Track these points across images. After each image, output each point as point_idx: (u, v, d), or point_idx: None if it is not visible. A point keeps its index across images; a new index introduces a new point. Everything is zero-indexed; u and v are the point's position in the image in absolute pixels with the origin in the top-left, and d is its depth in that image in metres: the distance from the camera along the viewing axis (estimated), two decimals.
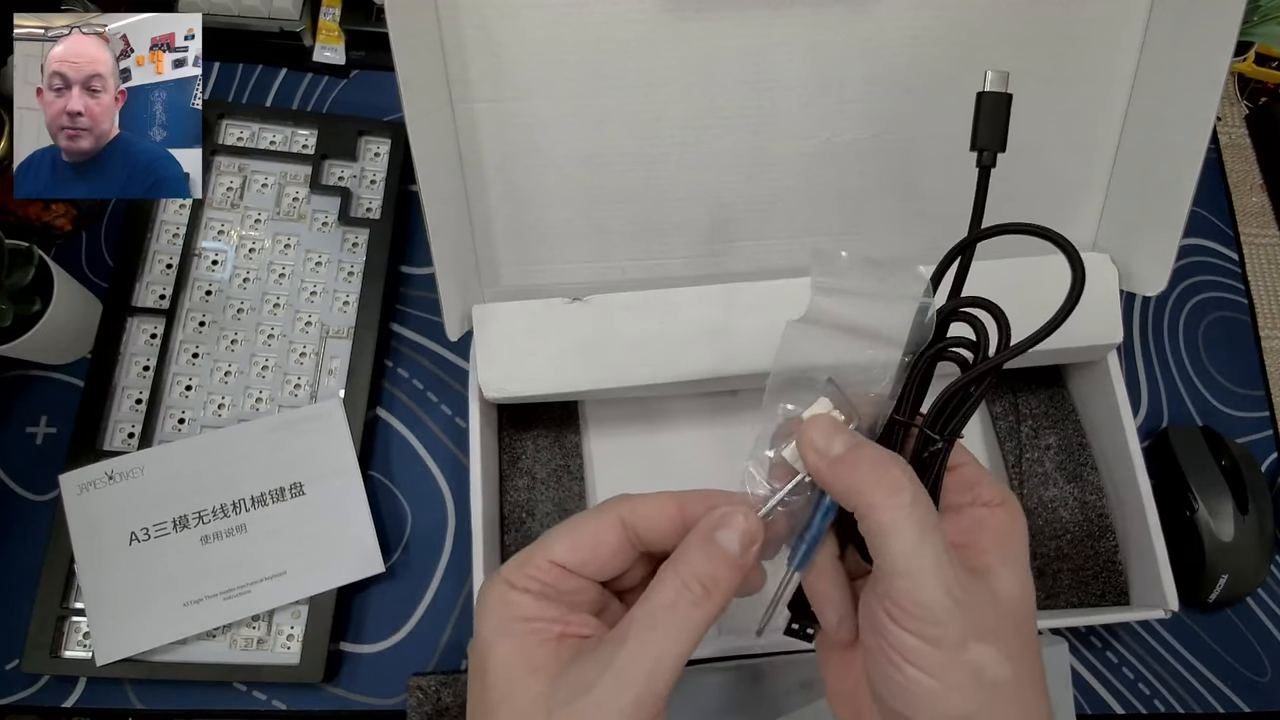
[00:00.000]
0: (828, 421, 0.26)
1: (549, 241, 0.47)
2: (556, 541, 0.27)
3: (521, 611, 0.26)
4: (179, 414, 0.52)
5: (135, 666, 0.47)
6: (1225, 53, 0.40)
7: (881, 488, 0.25)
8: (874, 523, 0.25)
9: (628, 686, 0.23)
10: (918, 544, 0.24)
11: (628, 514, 0.27)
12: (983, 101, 0.29)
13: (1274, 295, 0.62)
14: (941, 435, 0.26)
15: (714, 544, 0.26)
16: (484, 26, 0.41)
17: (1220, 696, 0.52)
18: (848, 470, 0.25)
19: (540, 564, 0.26)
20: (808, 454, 0.26)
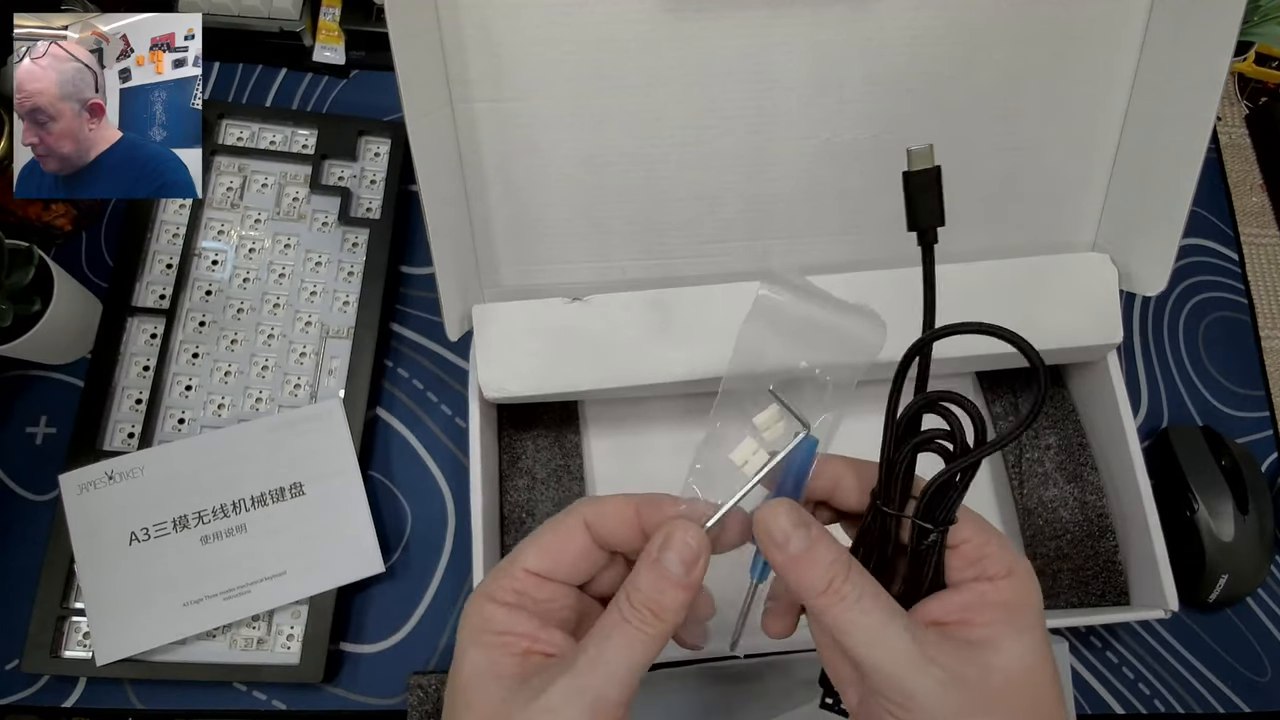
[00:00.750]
0: (789, 514, 0.27)
1: (549, 241, 0.47)
2: (527, 550, 0.28)
3: (494, 625, 0.27)
4: (179, 414, 0.52)
5: (135, 666, 0.47)
6: (1225, 53, 0.40)
7: (828, 595, 0.25)
8: (830, 625, 0.25)
9: (584, 691, 0.25)
10: (876, 638, 0.25)
11: (590, 517, 0.28)
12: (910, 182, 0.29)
13: (1274, 295, 0.62)
14: (935, 524, 0.26)
15: (659, 567, 0.26)
16: (484, 26, 0.41)
17: (1220, 696, 0.52)
18: (802, 571, 0.26)
19: (516, 574, 0.27)
20: (766, 543, 0.27)
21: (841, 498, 0.30)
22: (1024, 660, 0.25)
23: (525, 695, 0.25)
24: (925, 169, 0.29)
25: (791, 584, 0.26)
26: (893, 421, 0.28)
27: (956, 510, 0.27)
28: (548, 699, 0.25)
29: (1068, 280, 0.47)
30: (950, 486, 0.26)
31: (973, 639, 0.25)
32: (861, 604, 0.25)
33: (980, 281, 0.47)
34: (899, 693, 0.24)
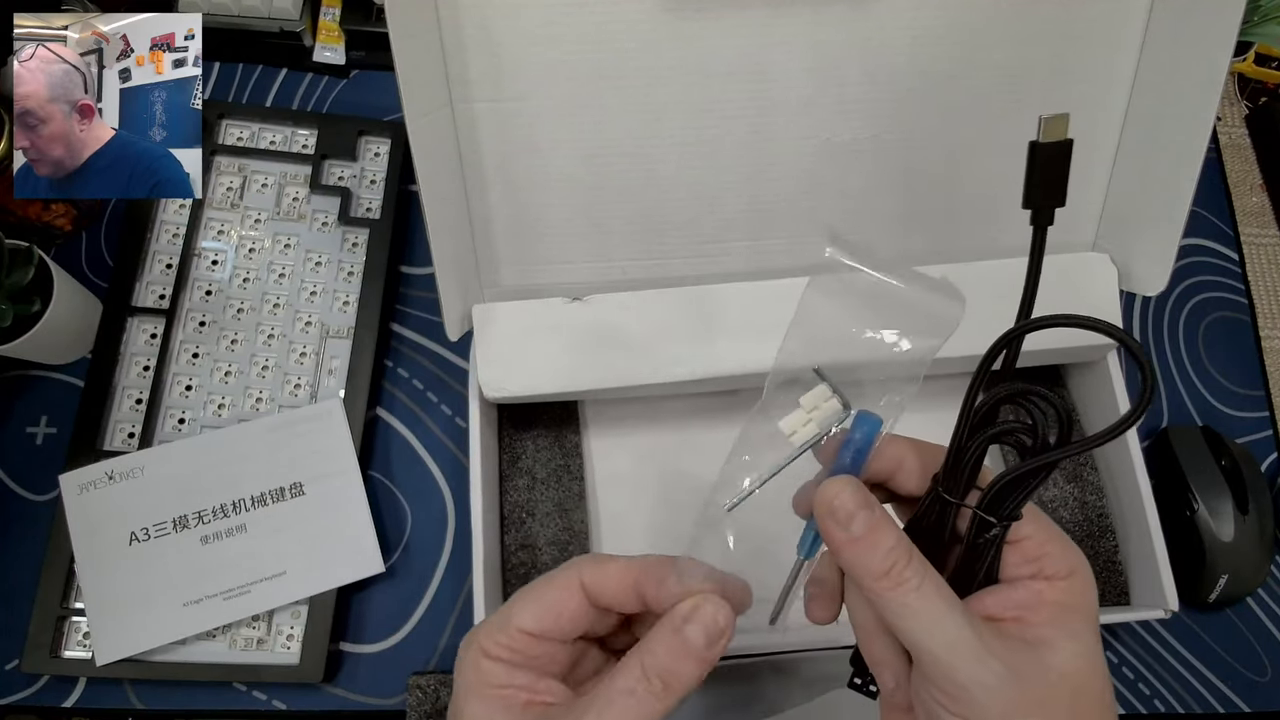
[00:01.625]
0: (854, 493, 0.26)
1: (549, 241, 0.47)
2: (524, 610, 0.28)
3: (493, 679, 0.27)
4: (179, 414, 0.52)
5: (135, 666, 0.47)
6: (1225, 53, 0.40)
7: (888, 578, 0.25)
8: (887, 609, 0.25)
9: None
10: (934, 625, 0.24)
11: (588, 580, 0.28)
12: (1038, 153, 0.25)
13: (1274, 295, 0.62)
14: (999, 519, 0.26)
15: (680, 637, 0.26)
16: (484, 26, 0.41)
17: (1220, 696, 0.52)
18: (862, 553, 0.25)
19: (511, 632, 0.28)
20: (826, 521, 0.26)
21: (902, 481, 0.29)
22: (1079, 663, 0.25)
23: None
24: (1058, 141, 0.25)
25: (849, 564, 0.26)
26: (970, 408, 0.26)
27: (1023, 507, 0.26)
28: None
29: (1067, 280, 0.47)
30: (1023, 482, 0.25)
31: (1028, 637, 0.25)
32: (922, 590, 0.24)
33: (980, 281, 0.47)
34: (952, 683, 0.24)
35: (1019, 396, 0.25)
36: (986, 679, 0.24)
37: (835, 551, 0.26)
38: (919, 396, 0.54)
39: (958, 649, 0.24)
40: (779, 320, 0.46)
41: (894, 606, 0.25)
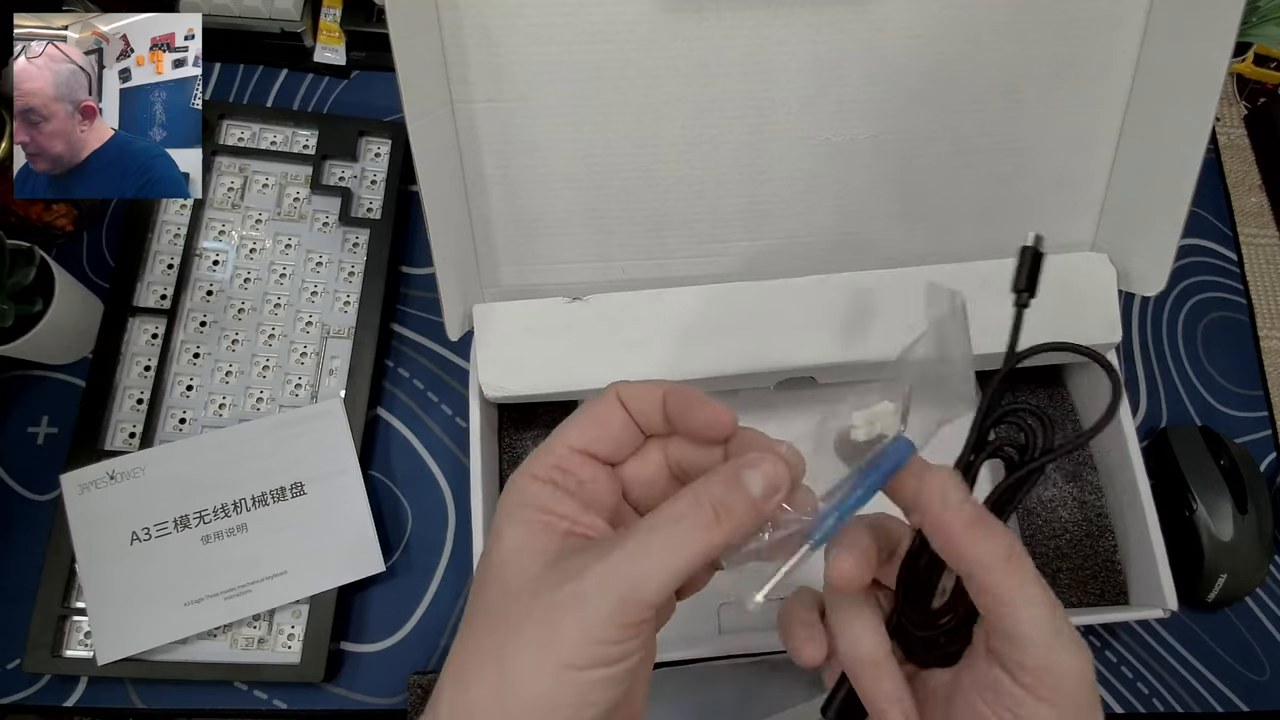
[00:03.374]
0: (960, 484, 0.26)
1: (549, 241, 0.47)
2: (570, 427, 0.27)
3: (538, 500, 0.26)
4: (180, 414, 0.52)
5: (136, 666, 0.47)
6: (1224, 53, 0.40)
7: (1010, 560, 0.25)
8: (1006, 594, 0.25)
9: (613, 586, 0.23)
10: (1051, 614, 0.25)
11: (624, 394, 0.28)
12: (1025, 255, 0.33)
13: (1273, 295, 0.62)
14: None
15: (738, 479, 0.25)
16: (484, 26, 0.41)
17: (1219, 696, 0.52)
18: (983, 535, 0.25)
19: (559, 451, 0.27)
20: (937, 507, 0.26)
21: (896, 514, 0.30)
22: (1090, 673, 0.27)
23: (558, 575, 0.24)
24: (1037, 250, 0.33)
25: (967, 550, 0.25)
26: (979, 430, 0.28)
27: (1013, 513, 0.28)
28: (580, 584, 0.23)
29: (1066, 280, 0.47)
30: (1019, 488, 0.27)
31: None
32: (1040, 578, 0.25)
33: (979, 281, 0.47)
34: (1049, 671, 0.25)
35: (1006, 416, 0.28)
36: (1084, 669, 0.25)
37: (952, 539, 0.26)
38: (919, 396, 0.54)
39: (1068, 639, 0.25)
40: (779, 320, 0.47)
41: (1018, 592, 0.25)
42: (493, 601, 0.24)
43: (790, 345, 0.46)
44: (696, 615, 0.49)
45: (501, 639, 0.23)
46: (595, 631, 0.23)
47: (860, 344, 0.46)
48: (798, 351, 0.46)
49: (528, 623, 0.23)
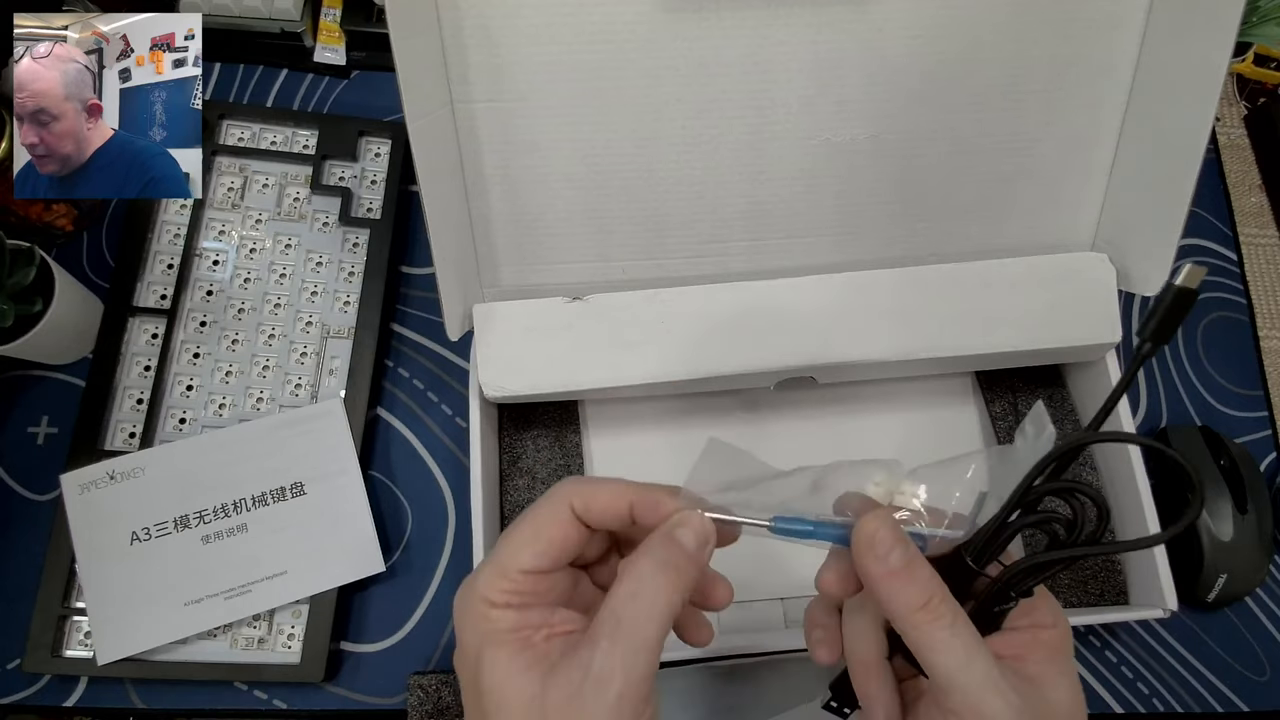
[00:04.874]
0: (892, 529, 0.27)
1: (549, 241, 0.47)
2: (521, 551, 0.28)
3: (505, 625, 0.27)
4: (180, 414, 0.52)
5: (136, 666, 0.47)
6: (1224, 53, 0.40)
7: (926, 609, 0.26)
8: (920, 640, 0.26)
9: (609, 685, 0.25)
10: (966, 661, 0.26)
11: (579, 506, 0.28)
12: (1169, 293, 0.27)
13: (1272, 296, 0.62)
14: (1018, 595, 0.28)
15: (673, 539, 0.27)
16: (484, 26, 0.41)
17: (1219, 696, 0.52)
18: (900, 586, 0.27)
19: (513, 577, 0.27)
20: (864, 554, 0.27)
21: None
22: (1071, 695, 0.28)
23: (556, 694, 0.25)
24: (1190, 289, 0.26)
25: (887, 597, 0.27)
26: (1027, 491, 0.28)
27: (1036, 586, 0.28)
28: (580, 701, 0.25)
29: (1066, 280, 0.47)
30: (1047, 568, 0.27)
31: (1027, 674, 0.27)
32: (955, 626, 0.26)
33: (979, 281, 0.48)
34: (977, 714, 0.26)
35: (1066, 492, 0.28)
36: (1005, 710, 0.26)
37: (873, 584, 0.27)
38: (929, 394, 0.54)
39: (986, 683, 0.26)
40: (779, 320, 0.47)
41: (929, 640, 0.26)
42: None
43: (790, 345, 0.46)
44: None
45: None
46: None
47: (860, 344, 0.46)
48: (798, 351, 0.46)
49: None
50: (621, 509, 0.29)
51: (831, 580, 0.29)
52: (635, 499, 0.28)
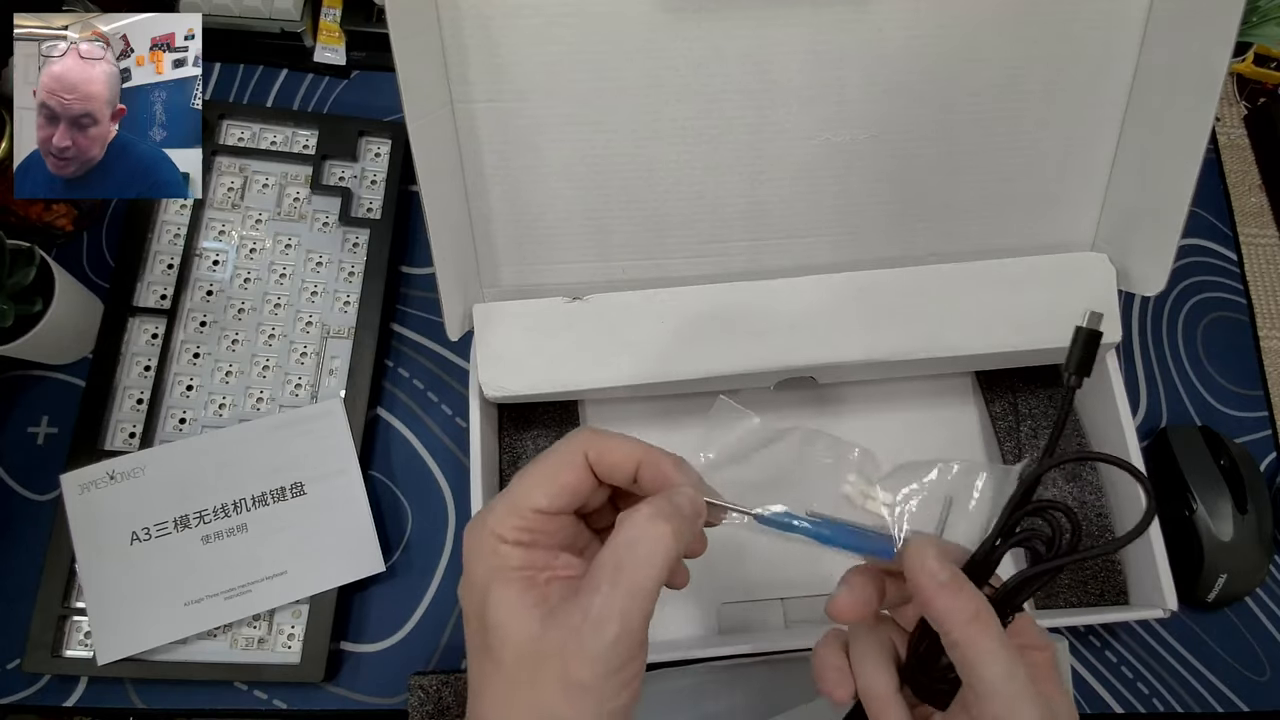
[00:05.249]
0: (938, 547, 0.29)
1: (549, 241, 0.47)
2: (535, 490, 0.29)
3: (513, 562, 0.28)
4: (180, 414, 0.52)
5: (136, 666, 0.47)
6: (1224, 53, 0.40)
7: (977, 620, 0.28)
8: (970, 650, 0.27)
9: (607, 628, 0.26)
10: (1010, 670, 0.27)
11: (592, 452, 0.30)
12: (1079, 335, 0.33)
13: (1272, 295, 0.62)
14: (1011, 610, 0.30)
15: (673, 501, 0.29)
16: (484, 26, 0.41)
17: (1219, 696, 0.52)
18: (950, 597, 0.28)
19: (525, 514, 0.29)
20: (920, 574, 0.29)
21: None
22: (1070, 713, 0.29)
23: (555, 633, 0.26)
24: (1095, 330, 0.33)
25: (941, 611, 0.28)
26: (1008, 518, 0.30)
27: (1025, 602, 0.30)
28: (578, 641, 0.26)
29: (1066, 280, 0.47)
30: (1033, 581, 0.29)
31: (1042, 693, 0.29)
32: (1001, 637, 0.28)
33: (979, 281, 0.48)
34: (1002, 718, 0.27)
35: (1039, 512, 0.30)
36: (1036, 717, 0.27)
37: (927, 600, 0.28)
38: (929, 394, 0.54)
39: (1025, 693, 0.27)
40: (779, 320, 0.47)
41: (979, 650, 0.27)
42: (508, 664, 0.27)
43: (790, 345, 0.46)
44: (696, 615, 0.49)
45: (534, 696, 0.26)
46: (611, 664, 0.26)
47: (861, 344, 0.46)
48: (798, 351, 0.46)
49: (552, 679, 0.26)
50: (629, 467, 0.30)
51: (843, 603, 0.31)
52: (644, 460, 0.30)
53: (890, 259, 0.48)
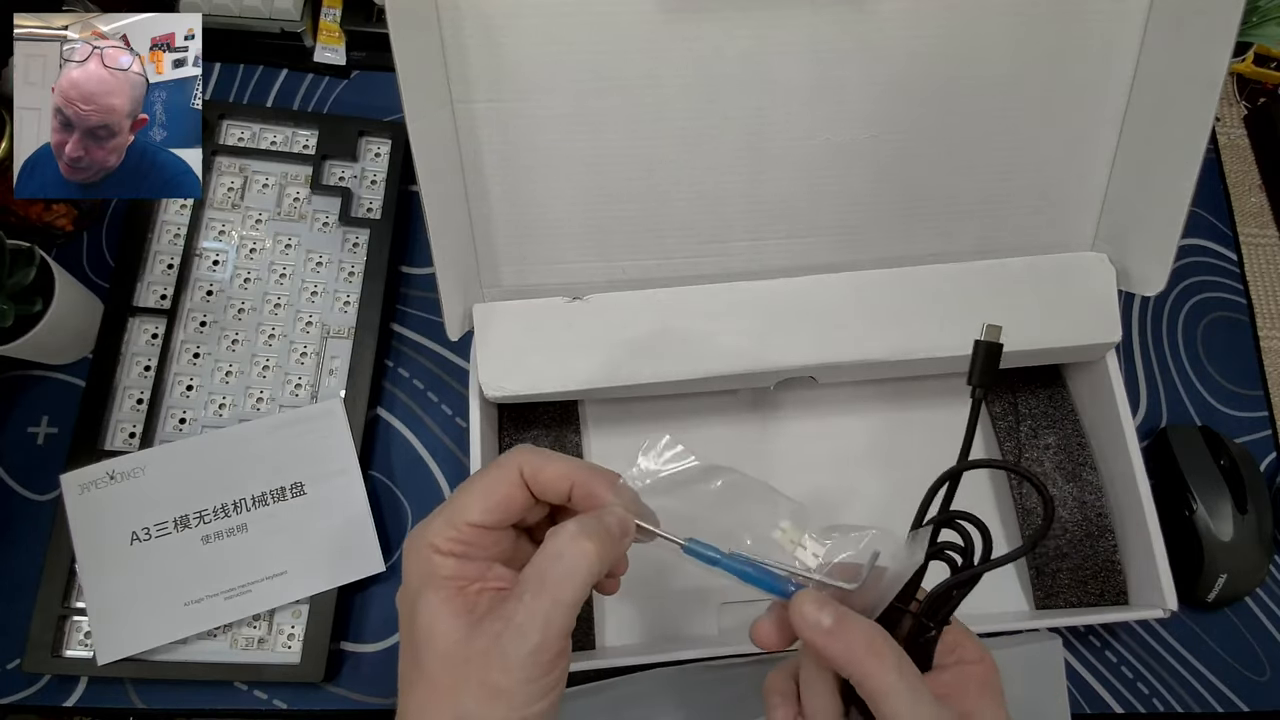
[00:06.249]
0: (816, 596, 0.30)
1: (549, 241, 0.47)
2: (472, 505, 0.30)
3: (445, 571, 0.29)
4: (180, 414, 0.52)
5: (136, 666, 0.47)
6: (1224, 53, 0.40)
7: (871, 655, 0.28)
8: (871, 687, 0.28)
9: (527, 638, 0.27)
10: (913, 702, 0.28)
11: (527, 469, 0.31)
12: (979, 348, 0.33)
13: (1272, 296, 0.62)
14: (935, 624, 0.30)
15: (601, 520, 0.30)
16: (484, 26, 0.41)
17: (1219, 696, 0.52)
18: (839, 641, 0.29)
19: (460, 527, 0.30)
20: (803, 627, 0.30)
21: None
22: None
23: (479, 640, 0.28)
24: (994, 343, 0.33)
25: (835, 655, 0.29)
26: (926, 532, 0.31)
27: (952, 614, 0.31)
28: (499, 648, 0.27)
29: (1066, 280, 0.47)
30: (952, 592, 0.30)
31: (964, 710, 0.30)
32: (901, 669, 0.28)
33: (979, 281, 0.48)
34: None
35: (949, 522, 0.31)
36: None
37: (820, 648, 0.29)
38: (929, 394, 0.55)
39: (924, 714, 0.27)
40: (779, 320, 0.47)
41: (879, 685, 0.28)
42: (432, 668, 0.28)
43: (790, 345, 0.46)
44: (696, 615, 0.49)
45: (455, 699, 0.28)
46: (530, 671, 0.27)
47: (860, 344, 0.46)
48: (798, 351, 0.46)
49: (473, 683, 0.27)
50: (563, 487, 0.31)
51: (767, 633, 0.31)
52: (576, 480, 0.31)
53: (890, 259, 0.48)
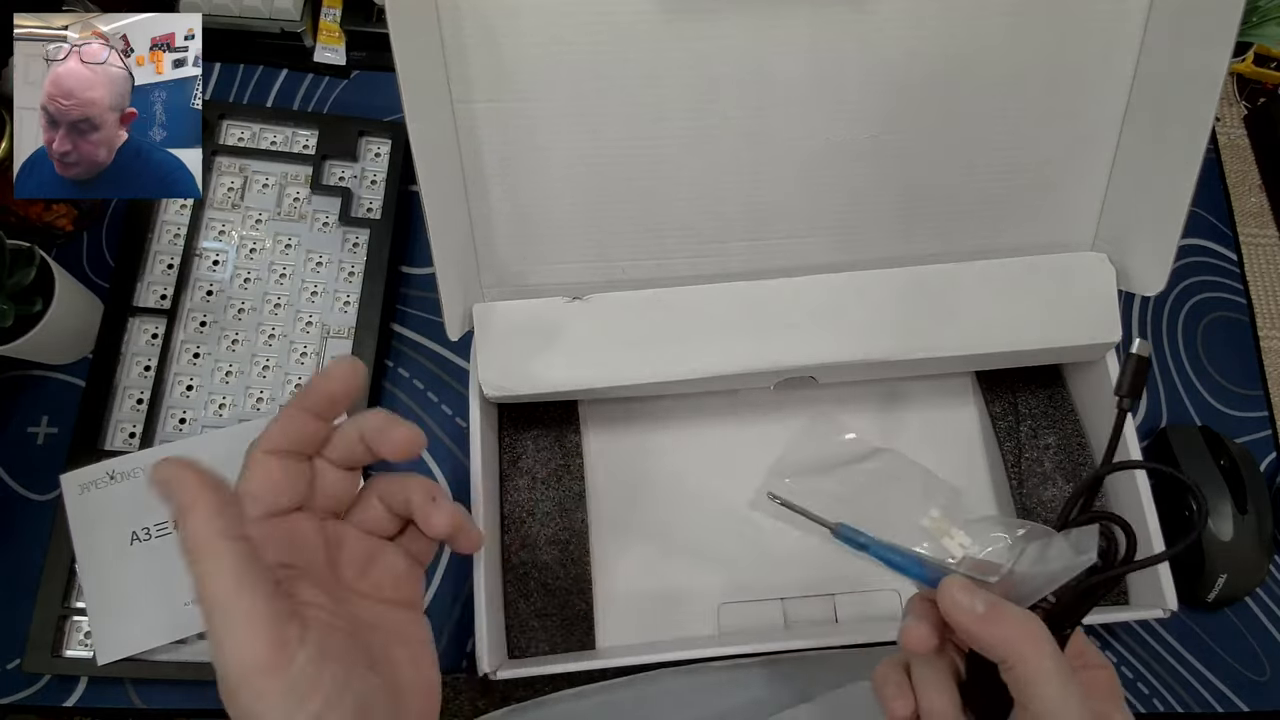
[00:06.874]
0: (965, 582, 0.30)
1: (549, 241, 0.47)
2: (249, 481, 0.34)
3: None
4: (180, 414, 0.52)
5: (136, 666, 0.47)
6: (1225, 53, 0.40)
7: (1028, 641, 0.28)
8: (1024, 671, 0.28)
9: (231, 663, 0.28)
10: (1064, 689, 0.28)
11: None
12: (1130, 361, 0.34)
13: (1272, 296, 0.62)
14: (1070, 623, 0.31)
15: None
16: (484, 26, 0.41)
17: (1219, 696, 0.52)
18: (995, 625, 0.29)
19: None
20: (954, 611, 0.30)
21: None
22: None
23: None
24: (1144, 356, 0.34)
25: (989, 642, 0.29)
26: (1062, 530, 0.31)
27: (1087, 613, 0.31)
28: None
29: (1066, 280, 0.47)
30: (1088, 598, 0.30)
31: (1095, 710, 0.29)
32: (1055, 655, 0.28)
33: (979, 281, 0.48)
34: None
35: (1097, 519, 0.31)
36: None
37: (973, 633, 0.29)
38: (929, 394, 0.54)
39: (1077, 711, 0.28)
40: (779, 320, 0.47)
41: (1035, 670, 0.28)
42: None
43: (790, 345, 0.46)
44: (696, 615, 0.49)
45: None
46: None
47: (860, 344, 0.46)
48: (798, 351, 0.46)
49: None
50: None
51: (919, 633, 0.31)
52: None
53: (890, 259, 0.48)
